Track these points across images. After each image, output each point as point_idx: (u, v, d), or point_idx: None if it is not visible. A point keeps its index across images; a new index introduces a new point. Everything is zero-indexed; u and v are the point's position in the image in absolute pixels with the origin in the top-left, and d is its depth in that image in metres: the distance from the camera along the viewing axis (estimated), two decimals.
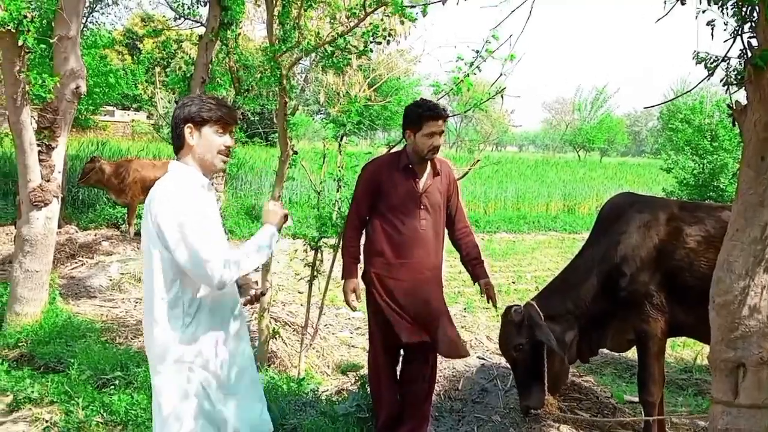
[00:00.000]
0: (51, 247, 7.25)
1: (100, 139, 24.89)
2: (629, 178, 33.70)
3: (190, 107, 3.19)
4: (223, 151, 3.25)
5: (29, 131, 6.83)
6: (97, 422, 5.08)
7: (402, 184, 4.62)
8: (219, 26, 9.53)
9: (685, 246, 4.56)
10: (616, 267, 4.67)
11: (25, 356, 6.50)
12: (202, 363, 3.18)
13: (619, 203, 5.01)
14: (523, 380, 4.82)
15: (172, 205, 3.02)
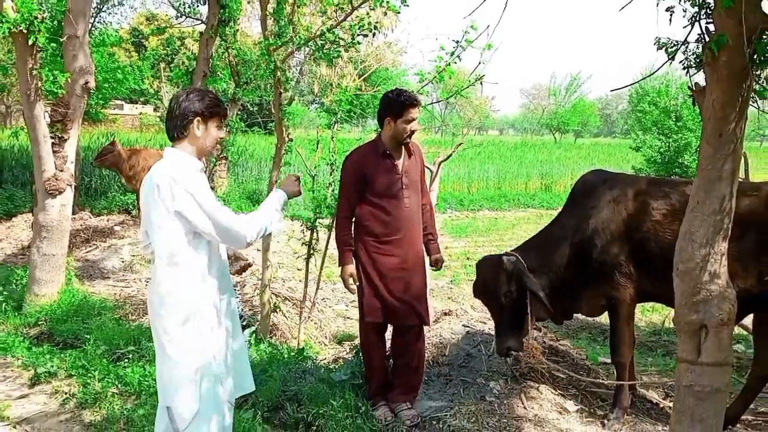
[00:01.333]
0: (66, 232, 7.24)
1: (111, 131, 24.79)
2: (601, 157, 33.78)
3: (201, 102, 3.28)
4: (219, 141, 3.43)
5: (43, 125, 6.81)
6: (113, 393, 5.09)
7: (384, 169, 4.63)
8: (218, 23, 9.49)
9: (651, 219, 4.57)
10: (588, 239, 4.68)
11: (45, 334, 6.50)
12: (208, 333, 3.24)
13: (591, 179, 4.99)
14: (506, 326, 4.80)
15: (185, 186, 3.10)
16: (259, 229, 3.28)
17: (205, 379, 3.24)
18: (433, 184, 7.02)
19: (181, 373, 3.20)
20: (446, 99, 6.35)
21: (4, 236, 11.30)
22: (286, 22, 6.89)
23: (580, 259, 4.71)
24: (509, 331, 4.77)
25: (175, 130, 3.28)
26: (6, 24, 6.32)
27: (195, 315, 3.21)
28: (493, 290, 4.79)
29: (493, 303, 4.86)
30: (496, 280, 4.77)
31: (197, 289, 3.23)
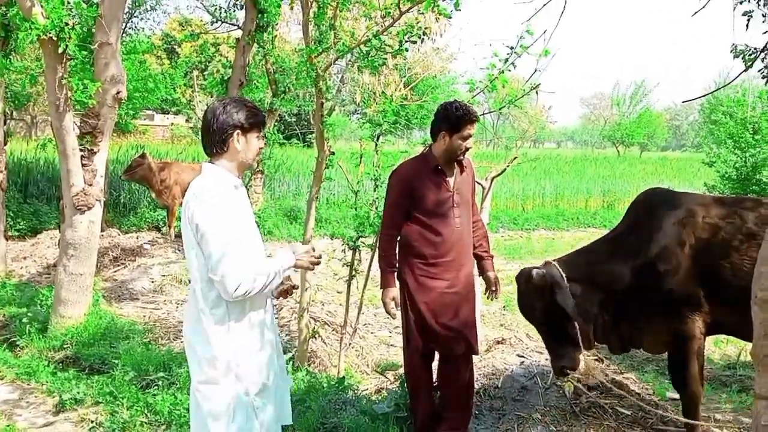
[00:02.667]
0: (94, 250, 7.36)
1: (141, 142, 25.24)
2: (670, 172, 33.27)
3: (241, 113, 3.30)
4: (258, 152, 3.44)
5: (72, 136, 6.95)
6: (142, 422, 5.16)
7: (434, 186, 4.62)
8: (255, 29, 9.62)
9: (721, 243, 4.44)
10: (651, 265, 4.54)
11: (71, 358, 6.61)
12: (246, 369, 3.27)
13: (652, 198, 4.87)
14: (555, 343, 4.73)
15: (208, 206, 3.14)
16: (252, 290, 3.17)
17: (239, 411, 3.26)
18: (485, 201, 7.01)
19: (214, 405, 3.24)
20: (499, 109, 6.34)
21: (28, 254, 11.55)
22: (328, 27, 6.97)
23: (642, 287, 4.58)
24: (560, 349, 4.70)
25: (214, 146, 3.31)
26: (35, 30, 6.48)
27: (233, 341, 3.24)
28: (529, 306, 4.76)
29: (533, 320, 4.82)
30: (529, 295, 4.72)
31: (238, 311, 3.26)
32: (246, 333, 3.29)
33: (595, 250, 4.92)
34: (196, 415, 3.33)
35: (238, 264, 3.10)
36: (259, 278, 3.17)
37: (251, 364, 3.30)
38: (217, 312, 3.23)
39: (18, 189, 15.33)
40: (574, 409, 5.15)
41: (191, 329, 3.34)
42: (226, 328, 3.23)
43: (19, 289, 8.81)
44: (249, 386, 3.28)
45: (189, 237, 3.21)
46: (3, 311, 7.92)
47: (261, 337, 3.38)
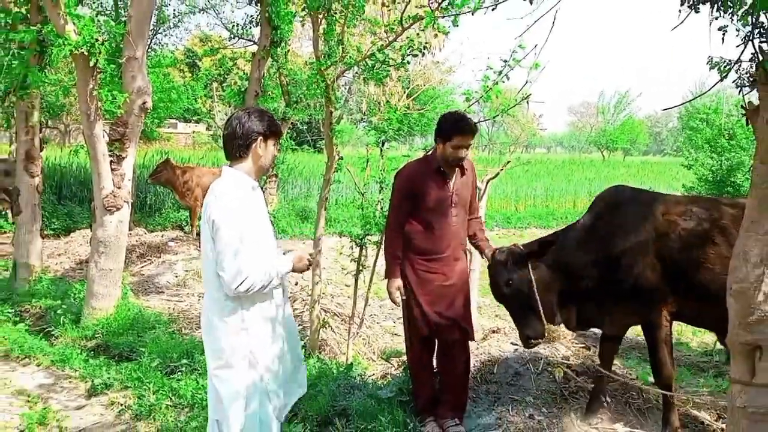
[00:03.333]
0: (123, 247, 7.39)
1: (165, 149, 25.26)
2: (651, 175, 33.27)
3: (263, 122, 3.38)
4: (274, 159, 3.55)
5: (102, 143, 6.97)
6: (167, 405, 5.18)
7: (435, 187, 4.62)
8: (270, 44, 9.61)
9: (680, 239, 4.39)
10: (615, 259, 4.49)
11: (101, 346, 6.64)
12: (258, 350, 3.29)
13: (617, 195, 4.80)
14: (519, 314, 4.69)
15: (225, 206, 3.18)
16: (252, 288, 3.19)
17: (255, 395, 3.29)
18: (481, 201, 6.99)
19: (230, 389, 3.26)
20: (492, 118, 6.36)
21: (63, 251, 11.58)
22: (336, 42, 6.97)
23: (607, 279, 4.54)
24: (524, 321, 4.66)
25: (238, 150, 3.35)
26: (68, 46, 6.50)
27: (247, 330, 3.27)
28: (495, 283, 4.70)
29: (499, 295, 4.74)
30: (494, 271, 4.68)
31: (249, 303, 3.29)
32: (260, 324, 3.32)
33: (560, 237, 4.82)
34: (214, 398, 3.35)
35: (242, 262, 3.13)
36: (260, 278, 3.19)
37: (265, 353, 3.32)
38: (230, 304, 3.25)
39: (53, 192, 15.38)
40: (564, 393, 5.14)
41: (208, 320, 3.36)
42: (240, 317, 3.26)
43: (54, 283, 8.83)
44: (264, 373, 3.31)
45: (206, 233, 3.23)
46: (39, 303, 7.94)
47: (274, 330, 3.39)
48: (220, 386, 3.28)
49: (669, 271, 4.43)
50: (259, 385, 3.30)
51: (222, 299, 3.27)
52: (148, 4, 6.97)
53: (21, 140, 9.13)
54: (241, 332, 3.26)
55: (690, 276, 4.37)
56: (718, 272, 4.18)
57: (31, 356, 6.50)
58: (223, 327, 3.28)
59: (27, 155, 9.04)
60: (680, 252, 4.40)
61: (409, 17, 6.22)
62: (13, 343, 6.72)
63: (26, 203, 9.05)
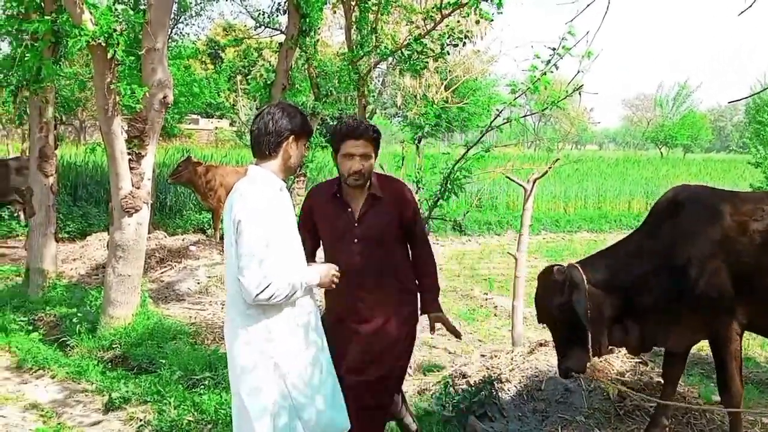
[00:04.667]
0: (142, 252, 7.46)
1: (186, 146, 25.55)
2: (714, 174, 32.79)
3: (295, 120, 3.41)
4: (302, 160, 3.60)
5: (120, 141, 7.05)
6: (188, 421, 5.22)
7: (334, 215, 3.99)
8: (298, 33, 9.66)
9: (751, 242, 4.28)
10: (680, 269, 4.38)
11: (119, 357, 6.72)
12: (285, 361, 3.29)
13: (676, 197, 4.66)
14: (564, 343, 4.59)
15: (251, 207, 3.21)
16: (274, 298, 3.18)
17: (283, 411, 3.29)
18: (527, 203, 6.96)
19: (256, 404, 3.27)
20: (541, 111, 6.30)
21: (78, 255, 11.75)
22: (369, 31, 6.99)
23: (671, 291, 4.43)
24: (568, 350, 4.56)
25: (267, 147, 3.37)
26: (84, 37, 6.57)
27: (273, 341, 3.28)
28: (546, 303, 4.58)
29: (547, 317, 4.64)
30: (547, 291, 4.55)
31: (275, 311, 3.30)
32: (287, 334, 3.32)
33: (618, 252, 4.72)
34: (238, 414, 3.37)
35: (266, 269, 3.15)
36: (283, 287, 3.20)
37: (294, 365, 3.32)
38: (254, 312, 3.27)
39: (68, 192, 15.64)
40: (619, 412, 5.09)
41: (231, 330, 3.39)
42: (265, 327, 3.27)
43: (69, 290, 8.97)
44: (292, 388, 3.30)
45: (230, 236, 3.26)
46: (54, 311, 8.07)
47: (305, 337, 3.40)
48: (245, 402, 3.29)
49: (739, 278, 4.33)
50: (287, 400, 3.29)
51: (245, 307, 3.28)
52: None
53: (34, 137, 9.30)
54: (267, 343, 3.27)
55: (763, 282, 4.28)
56: None
57: (45, 368, 6.61)
58: (246, 337, 3.29)
59: (41, 153, 9.20)
60: (751, 256, 4.29)
61: (449, 3, 6.22)
62: (26, 354, 6.84)
63: (40, 204, 9.21)
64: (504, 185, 20.77)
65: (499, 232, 18.59)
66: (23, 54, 8.10)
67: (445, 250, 15.49)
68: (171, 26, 14.86)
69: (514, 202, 21.13)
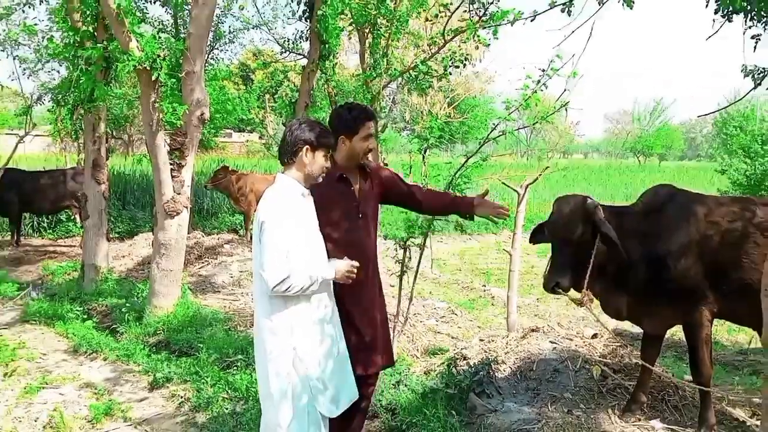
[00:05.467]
0: (182, 249, 7.52)
1: (221, 157, 25.62)
2: (686, 180, 32.61)
3: (312, 132, 3.39)
4: (323, 170, 3.49)
5: (163, 152, 7.11)
6: (223, 398, 5.25)
7: (339, 196, 3.84)
8: (319, 58, 9.64)
9: (724, 239, 4.29)
10: (661, 259, 4.37)
11: (162, 342, 6.75)
12: (305, 350, 3.30)
13: (661, 194, 4.65)
14: (564, 263, 4.36)
15: (273, 208, 3.25)
16: (291, 289, 3.19)
17: (303, 393, 3.30)
18: (520, 206, 6.95)
19: (278, 387, 3.29)
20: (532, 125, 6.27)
21: (126, 253, 11.79)
22: (381, 55, 7.00)
23: (652, 275, 4.41)
24: (565, 269, 4.35)
25: (285, 156, 3.42)
26: (132, 62, 6.64)
27: (292, 330, 3.28)
28: (568, 226, 4.37)
29: (563, 239, 4.41)
30: (573, 216, 4.36)
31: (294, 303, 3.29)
32: (307, 325, 3.33)
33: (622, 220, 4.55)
34: (265, 396, 3.38)
35: (284, 263, 3.16)
36: (299, 281, 3.19)
37: (313, 353, 3.32)
38: (276, 303, 3.28)
39: (117, 198, 15.72)
40: (602, 390, 5.08)
41: (256, 320, 3.41)
42: (286, 318, 3.28)
43: (119, 283, 9.01)
44: (310, 372, 3.30)
45: (256, 235, 3.28)
46: (105, 302, 8.12)
47: (323, 330, 3.40)
48: (270, 384, 3.31)
49: (712, 271, 4.33)
50: (306, 383, 3.31)
51: (268, 299, 3.29)
52: (206, 21, 7.08)
53: (89, 150, 9.37)
54: (287, 333, 3.28)
55: (732, 275, 4.28)
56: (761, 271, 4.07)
57: (98, 351, 6.65)
58: (269, 327, 3.31)
59: (94, 164, 9.26)
60: (723, 252, 4.31)
61: (451, 30, 6.22)
62: (81, 339, 6.89)
63: (93, 209, 9.27)
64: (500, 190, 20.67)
65: (496, 231, 18.47)
66: (78, 77, 8.15)
67: (448, 247, 15.43)
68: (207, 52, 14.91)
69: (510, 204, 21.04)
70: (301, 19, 11.31)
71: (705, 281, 4.34)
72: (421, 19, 7.17)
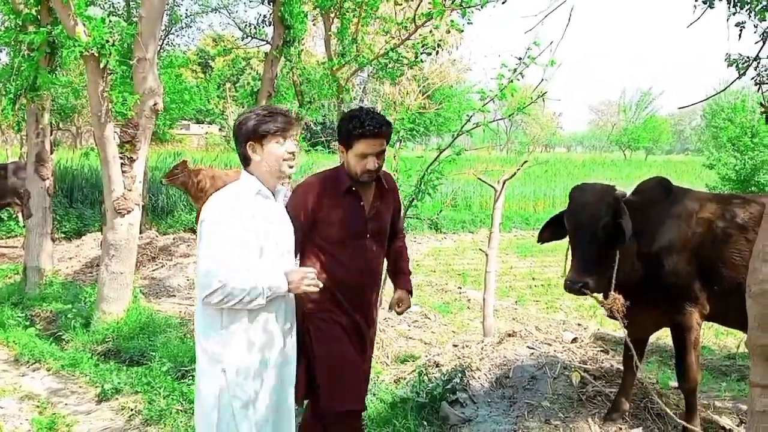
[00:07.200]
0: (134, 250, 7.45)
1: (177, 150, 25.44)
2: (673, 174, 32.99)
3: (247, 125, 3.11)
4: (287, 158, 3.16)
5: (112, 145, 7.04)
6: (177, 410, 5.22)
7: (344, 210, 3.59)
8: (283, 44, 9.63)
9: (717, 238, 4.35)
10: (654, 255, 4.40)
11: (112, 351, 6.69)
12: (233, 372, 3.04)
13: (654, 190, 4.62)
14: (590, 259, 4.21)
15: (212, 208, 3.05)
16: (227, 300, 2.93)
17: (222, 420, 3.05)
18: (498, 202, 6.99)
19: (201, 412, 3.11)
20: (507, 116, 6.32)
21: (73, 254, 11.68)
22: (350, 41, 6.99)
23: (644, 273, 4.43)
24: (591, 267, 4.19)
25: (241, 159, 3.22)
26: (78, 47, 6.57)
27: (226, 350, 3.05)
28: (593, 216, 4.20)
29: (587, 231, 4.23)
30: (599, 206, 4.21)
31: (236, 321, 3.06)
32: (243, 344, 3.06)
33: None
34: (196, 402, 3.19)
35: (218, 268, 2.91)
36: (236, 292, 2.92)
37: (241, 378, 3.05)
38: (211, 317, 3.05)
39: (64, 194, 15.56)
40: (581, 397, 5.12)
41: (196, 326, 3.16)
42: (220, 334, 3.04)
43: (65, 287, 8.92)
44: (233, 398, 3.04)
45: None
46: (50, 307, 8.03)
47: (262, 351, 3.12)
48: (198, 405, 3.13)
49: (704, 271, 4.39)
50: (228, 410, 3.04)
51: (202, 311, 3.08)
52: (159, 4, 7.02)
53: (32, 143, 9.24)
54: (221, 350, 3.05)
55: (724, 275, 4.34)
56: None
57: (41, 361, 6.57)
58: (202, 343, 3.10)
59: (37, 158, 9.14)
60: (715, 251, 4.36)
61: (422, 14, 6.24)
62: (23, 348, 6.80)
63: (37, 206, 9.15)
64: (477, 186, 20.81)
65: (473, 230, 18.63)
66: (20, 64, 8.05)
67: (422, 247, 15.50)
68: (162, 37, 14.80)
69: (487, 201, 21.17)
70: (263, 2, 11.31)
71: (697, 281, 4.40)
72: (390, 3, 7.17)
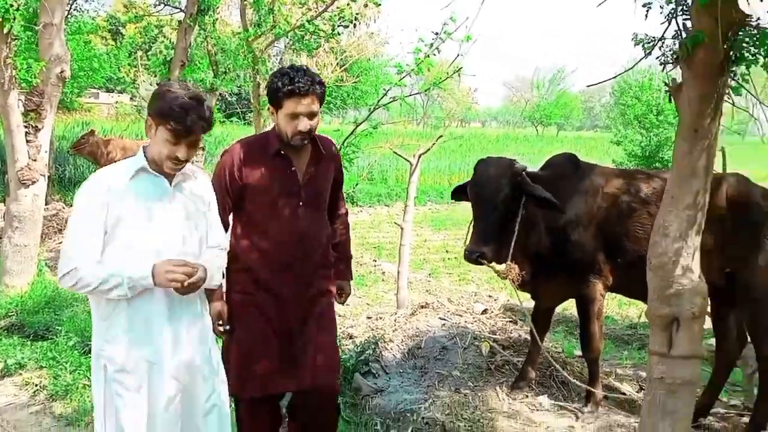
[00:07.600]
0: (38, 222, 7.23)
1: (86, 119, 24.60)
2: (583, 150, 33.88)
3: (163, 99, 2.74)
4: (171, 159, 2.79)
5: (16, 114, 6.80)
6: (84, 385, 5.08)
7: (275, 176, 3.37)
8: (197, 12, 9.40)
9: (622, 213, 4.51)
10: (561, 229, 4.52)
11: (15, 325, 6.45)
12: (117, 365, 2.82)
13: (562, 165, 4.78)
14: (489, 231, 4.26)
15: (85, 185, 2.82)
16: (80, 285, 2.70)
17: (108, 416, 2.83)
18: (413, 176, 7.04)
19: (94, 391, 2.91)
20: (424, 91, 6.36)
21: None
22: (266, 11, 6.88)
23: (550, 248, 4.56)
24: (489, 238, 4.25)
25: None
26: None
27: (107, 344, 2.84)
28: (493, 189, 4.26)
29: (487, 203, 4.29)
30: (500, 179, 4.27)
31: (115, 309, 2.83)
32: (122, 337, 2.82)
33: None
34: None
35: (74, 251, 2.71)
36: (89, 277, 2.68)
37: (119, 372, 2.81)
38: (94, 302, 2.86)
39: None
40: (490, 367, 5.26)
41: None
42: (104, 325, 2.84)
43: None
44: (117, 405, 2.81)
45: None
46: None
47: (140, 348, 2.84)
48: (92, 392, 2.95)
49: (608, 244, 4.53)
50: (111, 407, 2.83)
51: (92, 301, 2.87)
52: None
53: None
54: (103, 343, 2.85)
55: (628, 249, 4.49)
56: None
57: None
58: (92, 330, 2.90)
59: None
60: (620, 225, 4.51)
61: None
62: None
63: None
64: (394, 159, 20.89)
65: (389, 203, 18.72)
66: None
67: None
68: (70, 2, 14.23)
69: (403, 175, 21.25)
70: None
71: (602, 254, 4.55)
72: None
